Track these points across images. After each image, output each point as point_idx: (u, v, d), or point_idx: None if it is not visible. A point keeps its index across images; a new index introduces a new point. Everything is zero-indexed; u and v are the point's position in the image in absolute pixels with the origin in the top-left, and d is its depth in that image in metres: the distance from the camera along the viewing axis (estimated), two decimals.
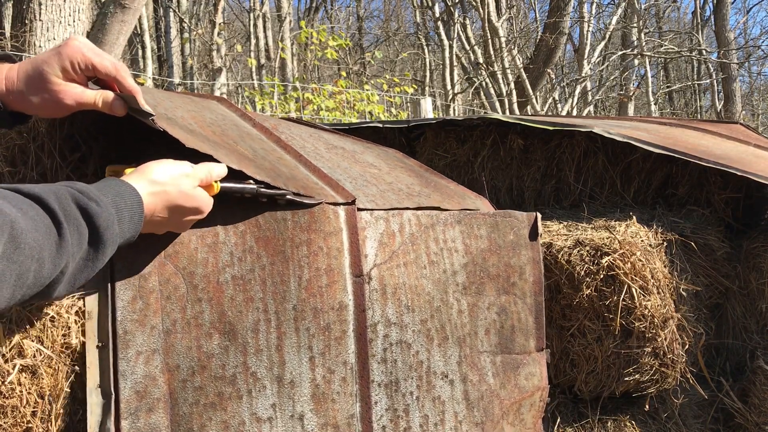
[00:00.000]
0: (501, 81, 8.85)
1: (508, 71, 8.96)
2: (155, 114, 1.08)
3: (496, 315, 1.38)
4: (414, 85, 10.95)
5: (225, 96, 8.83)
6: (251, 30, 10.86)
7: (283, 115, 6.63)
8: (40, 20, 4.50)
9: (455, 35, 9.20)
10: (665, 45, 11.95)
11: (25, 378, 1.04)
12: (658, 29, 15.06)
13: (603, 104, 15.35)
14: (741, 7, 21.35)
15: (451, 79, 9.44)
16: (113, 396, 1.04)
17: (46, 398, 1.06)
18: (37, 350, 1.05)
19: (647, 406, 1.91)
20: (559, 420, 1.87)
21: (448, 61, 9.38)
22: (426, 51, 11.69)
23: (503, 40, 9.00)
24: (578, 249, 1.76)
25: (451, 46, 9.30)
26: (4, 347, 1.03)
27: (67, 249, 0.81)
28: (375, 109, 7.16)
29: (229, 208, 1.13)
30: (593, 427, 1.86)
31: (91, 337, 1.06)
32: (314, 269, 1.17)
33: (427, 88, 11.01)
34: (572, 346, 1.79)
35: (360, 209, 1.24)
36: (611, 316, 1.73)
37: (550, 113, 10.06)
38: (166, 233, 1.07)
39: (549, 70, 9.71)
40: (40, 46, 4.44)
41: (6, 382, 1.03)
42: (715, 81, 13.28)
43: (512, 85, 8.92)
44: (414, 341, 1.25)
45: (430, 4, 9.78)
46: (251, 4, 11.05)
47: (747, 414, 1.92)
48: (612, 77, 12.26)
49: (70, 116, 1.21)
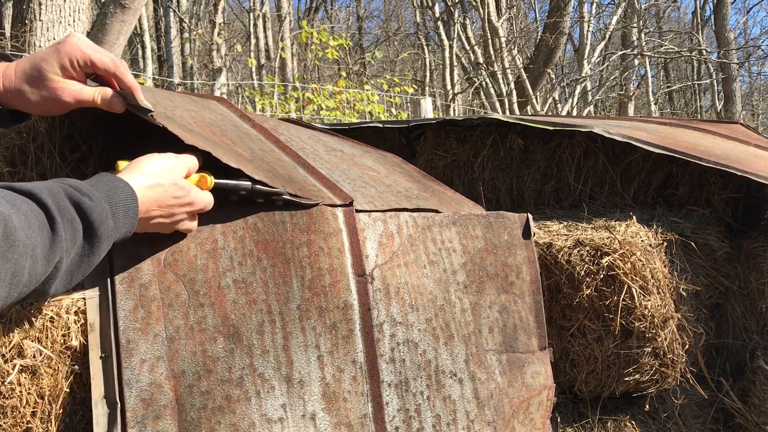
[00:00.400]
0: (501, 81, 8.85)
1: (508, 71, 8.96)
2: (154, 111, 1.08)
3: (498, 314, 1.38)
4: (414, 85, 10.95)
5: (225, 96, 8.84)
6: (251, 30, 10.86)
7: (283, 116, 6.63)
8: (40, 20, 4.50)
9: (455, 35, 9.20)
10: (665, 45, 11.95)
11: (25, 378, 1.04)
12: (658, 29, 15.06)
13: (603, 104, 15.35)
14: (741, 7, 21.36)
15: (451, 79, 9.44)
16: (119, 405, 1.03)
17: (46, 398, 1.06)
18: (37, 350, 1.05)
19: (647, 406, 1.91)
20: (559, 420, 1.87)
21: (448, 61, 9.38)
22: (426, 51, 11.69)
23: (503, 40, 9.00)
24: (578, 249, 1.76)
25: (451, 46, 9.30)
26: (3, 347, 1.03)
27: (60, 244, 0.81)
28: (375, 109, 7.16)
29: (227, 213, 1.13)
30: (593, 427, 1.86)
31: (94, 349, 1.06)
32: (316, 269, 1.17)
33: (427, 88, 11.02)
34: (572, 346, 1.79)
35: (358, 211, 1.24)
36: (611, 316, 1.73)
37: (550, 113, 10.06)
38: (164, 241, 1.07)
39: (549, 70, 9.72)
40: (40, 46, 4.44)
41: (6, 383, 1.03)
42: (715, 81, 13.28)
43: (512, 85, 8.92)
44: (421, 340, 1.25)
45: (430, 4, 9.78)
46: (251, 4, 11.05)
47: (747, 414, 1.92)
48: (612, 77, 12.26)
49: (69, 116, 1.22)
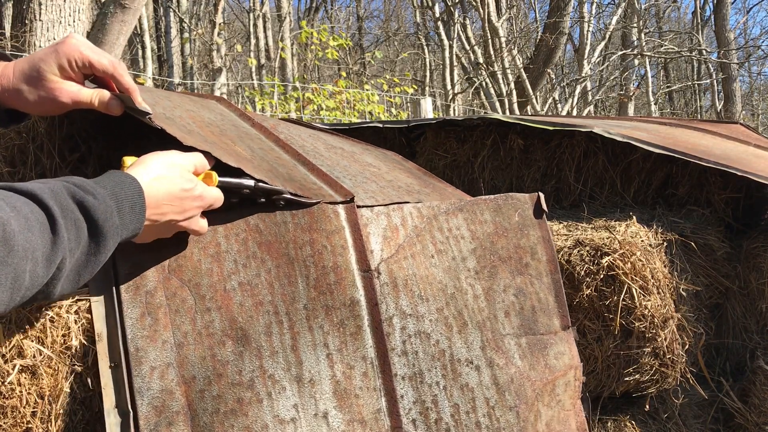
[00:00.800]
0: (501, 81, 8.85)
1: (508, 71, 8.96)
2: (153, 113, 1.08)
3: (513, 297, 1.35)
4: (414, 85, 10.95)
5: (225, 96, 8.84)
6: (251, 30, 10.86)
7: (283, 116, 6.63)
8: (40, 20, 4.50)
9: (455, 35, 9.20)
10: (665, 45, 11.95)
11: (25, 378, 1.04)
12: (658, 29, 15.06)
13: (603, 104, 15.35)
14: (741, 7, 21.36)
15: (451, 79, 9.44)
16: (131, 414, 1.03)
17: (46, 398, 1.06)
18: (36, 350, 1.05)
19: (647, 406, 1.91)
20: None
21: (448, 61, 9.38)
22: (426, 51, 11.70)
23: (503, 40, 9.00)
24: (578, 249, 1.76)
25: (451, 46, 9.30)
26: (3, 347, 1.03)
27: (62, 245, 0.80)
28: (375, 109, 7.16)
29: (228, 216, 1.13)
30: (593, 427, 1.86)
31: (103, 359, 1.06)
32: (320, 268, 1.17)
33: (427, 88, 11.02)
34: None
35: (360, 206, 1.23)
36: (611, 316, 1.73)
37: (550, 113, 10.06)
38: (167, 247, 1.07)
39: (549, 70, 9.71)
40: (40, 46, 4.44)
41: (6, 383, 1.03)
42: (715, 81, 13.29)
43: (512, 85, 8.92)
44: (433, 330, 1.24)
45: (430, 4, 9.78)
46: (251, 4, 11.05)
47: (747, 414, 1.92)
48: (612, 77, 12.27)
49: (69, 116, 1.22)
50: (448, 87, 9.34)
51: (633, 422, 1.87)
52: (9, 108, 1.04)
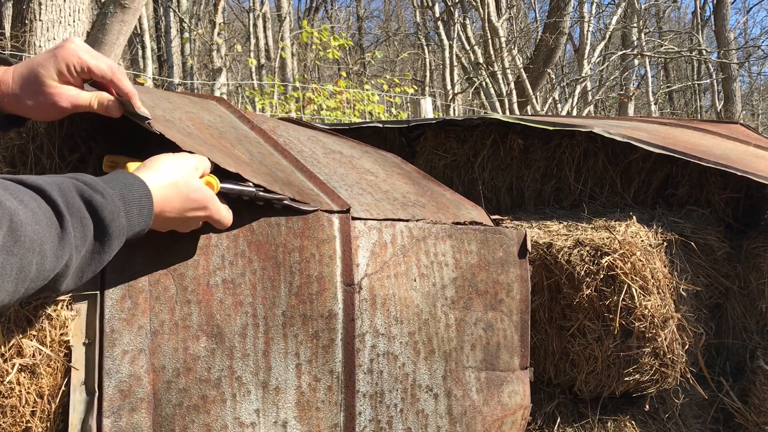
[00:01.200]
0: (501, 81, 8.85)
1: (508, 71, 8.96)
2: (152, 116, 1.07)
3: (482, 331, 1.38)
4: (414, 86, 10.95)
5: (225, 96, 8.84)
6: (251, 30, 10.86)
7: (284, 116, 6.62)
8: (40, 20, 4.50)
9: (455, 35, 9.20)
10: (665, 45, 11.95)
11: (24, 377, 1.04)
12: (658, 29, 15.06)
13: (603, 104, 15.34)
14: (741, 7, 21.36)
15: (451, 79, 9.44)
16: (97, 394, 1.03)
17: (46, 397, 1.05)
18: (36, 349, 1.05)
19: (647, 406, 1.91)
20: (559, 420, 1.87)
21: (448, 61, 9.38)
22: (426, 51, 11.70)
23: (503, 40, 8.99)
24: (578, 249, 1.76)
25: (451, 46, 9.30)
26: (3, 347, 1.03)
27: (70, 241, 0.81)
28: (375, 109, 7.16)
29: None
30: (593, 427, 1.86)
31: (77, 335, 1.06)
32: (305, 276, 1.16)
33: (427, 88, 11.02)
34: (572, 346, 1.79)
35: (354, 218, 1.23)
36: (611, 316, 1.72)
37: (550, 113, 10.06)
38: (158, 232, 1.07)
39: (549, 70, 9.71)
40: (40, 47, 4.44)
41: (5, 382, 1.03)
42: (715, 81, 13.28)
43: (512, 85, 8.92)
44: (401, 353, 1.26)
45: (430, 4, 9.78)
46: (251, 4, 11.05)
47: (747, 414, 1.92)
48: (612, 77, 12.26)
49: (69, 116, 1.21)
50: (448, 87, 9.34)
51: (633, 422, 1.87)
52: (9, 113, 1.04)
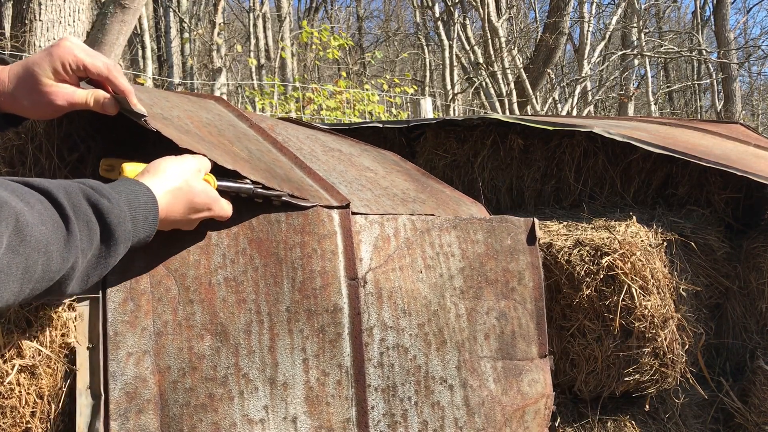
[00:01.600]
0: (501, 81, 8.85)
1: (508, 71, 8.96)
2: (149, 114, 1.07)
3: (495, 320, 1.36)
4: (414, 86, 10.95)
5: (225, 96, 8.84)
6: (251, 30, 10.86)
7: (283, 116, 6.63)
8: (40, 20, 4.50)
9: (455, 35, 9.20)
10: (665, 45, 11.95)
11: (24, 378, 1.04)
12: (658, 29, 15.05)
13: (603, 104, 15.34)
14: (741, 7, 21.35)
15: (451, 79, 9.44)
16: (103, 397, 1.03)
17: (45, 398, 1.05)
18: (35, 350, 1.05)
19: (647, 406, 1.91)
20: (559, 420, 1.86)
21: (448, 61, 9.38)
22: (426, 51, 11.70)
23: (503, 40, 8.99)
24: (578, 249, 1.76)
25: (451, 46, 9.30)
26: (3, 348, 1.03)
27: (75, 244, 0.81)
28: (375, 109, 7.16)
29: None
30: (593, 427, 1.86)
31: (81, 339, 1.06)
32: (308, 271, 1.16)
33: (427, 88, 11.02)
34: (572, 346, 1.79)
35: (354, 213, 1.23)
36: (611, 316, 1.72)
37: (550, 113, 10.06)
38: (158, 234, 1.07)
39: (549, 70, 9.71)
40: (40, 46, 4.44)
41: (5, 383, 1.03)
42: (715, 81, 13.28)
43: (512, 85, 8.92)
44: (411, 345, 1.24)
45: (430, 4, 9.78)
46: (251, 4, 11.05)
47: (747, 414, 1.92)
48: (612, 77, 12.26)
49: (67, 115, 1.21)
50: (448, 87, 9.34)
51: (633, 422, 1.87)
52: (5, 112, 1.03)
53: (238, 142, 1.29)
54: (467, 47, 9.40)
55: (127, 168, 1.02)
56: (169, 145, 1.06)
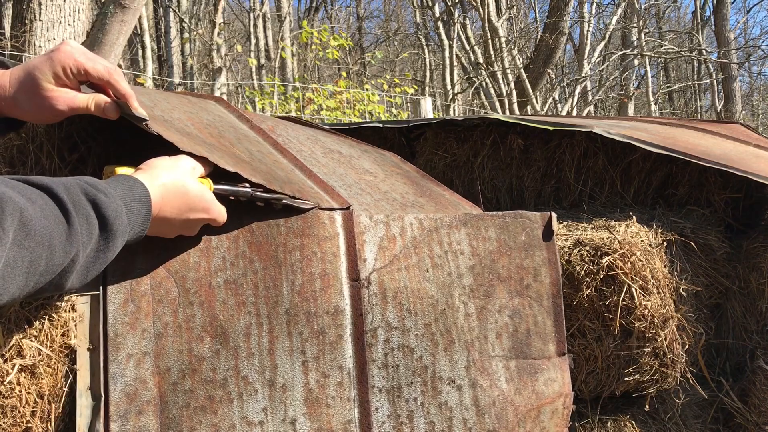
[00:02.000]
0: (501, 81, 8.85)
1: (508, 71, 8.96)
2: (149, 117, 1.08)
3: (508, 318, 1.34)
4: (414, 86, 10.95)
5: (225, 96, 8.84)
6: (251, 30, 10.87)
7: (283, 115, 6.61)
8: (40, 20, 4.50)
9: (455, 35, 9.20)
10: (665, 45, 11.95)
11: (25, 378, 1.04)
12: (658, 29, 15.05)
13: (603, 104, 15.34)
14: (741, 7, 21.36)
15: (451, 79, 9.44)
16: (103, 398, 1.04)
17: (46, 398, 1.06)
18: (36, 350, 1.05)
19: (647, 406, 1.91)
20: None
21: (448, 61, 9.39)
22: (426, 51, 11.70)
23: (503, 40, 8.99)
24: (578, 249, 1.76)
25: (451, 46, 9.30)
26: (3, 347, 1.03)
27: (76, 237, 0.82)
28: (375, 109, 7.16)
29: None
30: (593, 427, 1.86)
31: (81, 340, 1.06)
32: (307, 274, 1.17)
33: (427, 88, 11.02)
34: (572, 346, 1.79)
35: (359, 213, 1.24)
36: (611, 316, 1.73)
37: (550, 113, 10.06)
38: (159, 238, 1.07)
39: (549, 70, 9.71)
40: (40, 46, 4.44)
41: (5, 382, 1.03)
42: (715, 81, 13.29)
43: (512, 85, 8.92)
44: (417, 346, 1.24)
45: (430, 4, 9.79)
46: (251, 4, 11.06)
47: (747, 414, 1.92)
48: (612, 77, 12.26)
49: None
50: (448, 87, 9.34)
51: (633, 422, 1.87)
52: (6, 116, 1.04)
53: (239, 143, 1.29)
54: (467, 47, 9.40)
55: (120, 171, 1.03)
56: (170, 146, 1.06)
